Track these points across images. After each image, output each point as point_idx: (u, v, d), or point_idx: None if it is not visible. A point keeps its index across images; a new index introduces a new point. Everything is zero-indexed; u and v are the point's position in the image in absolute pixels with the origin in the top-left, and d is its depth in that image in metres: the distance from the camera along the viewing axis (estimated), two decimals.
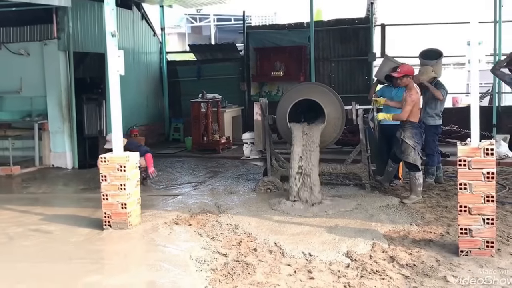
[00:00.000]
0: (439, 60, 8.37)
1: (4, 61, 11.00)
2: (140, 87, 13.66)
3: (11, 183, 9.72)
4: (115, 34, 6.47)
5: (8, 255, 5.93)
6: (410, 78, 7.33)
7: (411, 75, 7.37)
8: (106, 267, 5.63)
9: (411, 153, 7.32)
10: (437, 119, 8.28)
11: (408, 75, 7.31)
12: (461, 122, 10.34)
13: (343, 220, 6.62)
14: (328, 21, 14.32)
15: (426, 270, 4.95)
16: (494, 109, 11.98)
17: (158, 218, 6.95)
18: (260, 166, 9.57)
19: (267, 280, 4.84)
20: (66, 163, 10.90)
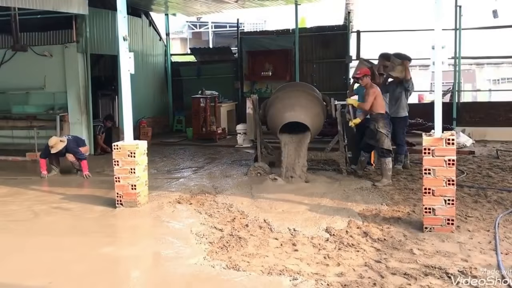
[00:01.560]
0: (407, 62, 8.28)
1: (30, 62, 10.85)
2: (147, 84, 13.50)
3: (36, 167, 9.55)
4: (126, 38, 6.39)
5: (34, 228, 5.87)
6: (368, 77, 7.53)
7: (368, 74, 7.57)
8: (118, 240, 5.56)
9: (385, 141, 7.33)
10: (406, 111, 8.24)
11: (366, 74, 7.54)
12: (426, 116, 10.31)
13: (322, 200, 6.56)
14: (311, 28, 14.18)
15: (395, 243, 4.91)
16: (454, 104, 11.97)
17: (163, 198, 6.87)
18: (251, 153, 9.51)
19: (257, 252, 4.79)
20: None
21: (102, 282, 4.27)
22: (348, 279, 4.10)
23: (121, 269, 4.76)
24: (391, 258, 4.56)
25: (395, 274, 4.20)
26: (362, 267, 4.37)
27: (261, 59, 13.72)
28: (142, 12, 13.31)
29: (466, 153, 9.71)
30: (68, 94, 10.80)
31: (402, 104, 8.13)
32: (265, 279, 4.18)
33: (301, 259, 4.58)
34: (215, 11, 14.32)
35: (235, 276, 4.25)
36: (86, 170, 8.41)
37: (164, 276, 4.36)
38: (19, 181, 8.25)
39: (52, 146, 8.36)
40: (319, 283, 4.03)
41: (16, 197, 7.21)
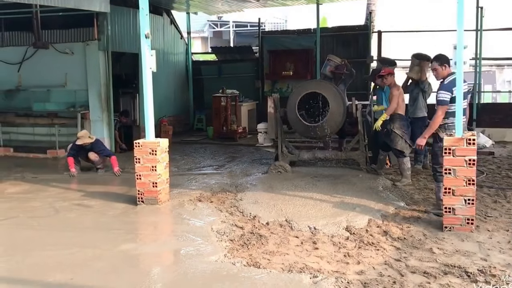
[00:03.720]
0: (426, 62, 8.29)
1: (52, 59, 11.01)
2: (169, 83, 13.68)
3: (57, 164, 9.81)
4: (148, 36, 6.49)
5: (55, 225, 6.01)
6: (392, 76, 7.68)
7: (392, 73, 7.72)
8: (139, 237, 5.68)
9: (399, 142, 7.40)
10: (424, 111, 8.25)
11: (390, 73, 7.72)
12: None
13: (343, 199, 6.62)
14: (332, 28, 14.23)
15: (415, 242, 4.97)
16: (475, 105, 11.89)
17: (184, 196, 7.00)
18: (272, 152, 9.59)
19: (278, 250, 4.88)
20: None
21: (123, 278, 4.39)
22: (368, 277, 4.18)
23: (142, 266, 4.86)
24: (411, 257, 4.62)
25: (414, 272, 4.27)
26: (382, 265, 4.44)
27: (282, 58, 13.79)
28: (163, 10, 13.50)
29: (485, 153, 9.69)
30: (89, 91, 10.95)
31: (419, 105, 8.16)
32: (285, 276, 4.27)
33: (321, 257, 4.66)
34: (237, 10, 14.44)
35: (255, 273, 4.35)
36: (117, 166, 8.57)
37: (185, 272, 4.47)
38: (40, 178, 8.46)
39: (79, 137, 8.59)
40: (339, 281, 4.11)
41: (37, 194, 7.40)
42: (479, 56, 12.02)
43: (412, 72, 8.09)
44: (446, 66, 5.89)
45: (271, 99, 8.50)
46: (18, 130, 11.51)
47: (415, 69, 8.06)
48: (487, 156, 9.51)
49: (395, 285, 4.04)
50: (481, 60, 12.20)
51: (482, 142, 10.19)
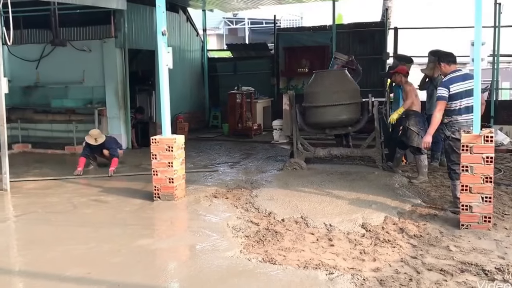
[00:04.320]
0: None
1: (69, 56, 11.11)
2: (184, 80, 13.73)
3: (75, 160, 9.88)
4: (165, 33, 6.53)
5: (73, 220, 6.08)
6: (399, 76, 7.72)
7: (402, 73, 7.72)
8: (156, 232, 5.74)
9: (415, 138, 7.35)
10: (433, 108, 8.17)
11: (399, 72, 7.73)
12: None
13: (359, 196, 6.60)
14: (348, 24, 14.12)
15: (431, 240, 4.94)
16: (492, 102, 11.72)
17: (200, 192, 7.03)
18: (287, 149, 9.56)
19: (293, 246, 4.88)
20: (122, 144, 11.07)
21: (139, 273, 4.43)
22: (384, 275, 4.16)
23: (158, 261, 4.92)
24: (427, 254, 4.59)
25: (431, 270, 4.24)
26: (398, 262, 4.42)
27: (297, 55, 13.75)
28: (179, 7, 13.55)
29: (503, 151, 9.57)
30: (106, 88, 11.04)
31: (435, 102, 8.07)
32: (301, 273, 4.27)
33: (337, 254, 4.66)
34: (252, 7, 14.44)
35: (271, 269, 4.37)
36: (113, 167, 8.48)
37: (201, 268, 4.50)
38: (58, 173, 8.56)
39: (90, 134, 8.65)
40: (355, 278, 4.10)
41: (55, 190, 7.50)
42: (497, 53, 11.85)
43: (427, 69, 8.14)
44: (446, 64, 5.92)
45: (287, 96, 8.49)
46: (37, 127, 11.66)
47: (429, 65, 8.09)
48: (505, 154, 9.39)
49: (411, 282, 4.02)
50: (499, 57, 12.03)
51: (499, 140, 10.07)
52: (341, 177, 7.64)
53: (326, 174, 7.84)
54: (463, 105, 5.75)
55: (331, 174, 7.84)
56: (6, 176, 7.30)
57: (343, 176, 7.72)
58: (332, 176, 7.75)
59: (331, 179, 7.54)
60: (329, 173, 7.90)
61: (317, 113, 8.10)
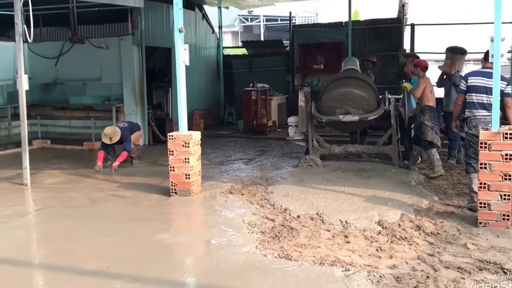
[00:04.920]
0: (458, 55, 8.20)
1: (87, 53, 11.18)
2: (200, 77, 13.77)
3: (93, 156, 9.95)
4: (182, 30, 6.55)
5: (92, 215, 6.15)
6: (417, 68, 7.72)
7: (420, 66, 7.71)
8: (173, 227, 5.78)
9: (429, 133, 7.40)
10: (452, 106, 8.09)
11: (416, 65, 7.75)
12: None
13: (375, 193, 6.56)
14: (364, 21, 14.05)
15: (449, 238, 4.90)
16: None
17: (216, 188, 7.05)
18: (302, 146, 9.57)
19: (309, 243, 4.88)
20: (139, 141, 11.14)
21: (156, 267, 4.46)
22: (400, 272, 4.14)
23: (175, 255, 4.95)
24: (444, 252, 4.55)
25: (448, 268, 4.21)
26: (415, 260, 4.39)
27: (313, 52, 13.70)
28: (195, 5, 13.59)
29: None
30: (124, 85, 11.11)
31: (452, 99, 8.02)
32: (317, 269, 4.27)
33: (353, 251, 4.64)
34: (268, 4, 14.41)
35: (287, 265, 4.37)
36: (119, 162, 8.42)
37: (217, 262, 4.52)
38: (77, 169, 8.66)
39: (108, 134, 8.72)
40: (372, 275, 4.09)
41: (74, 185, 7.59)
42: None
43: (444, 65, 8.10)
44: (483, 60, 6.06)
45: (302, 93, 8.46)
46: (56, 123, 11.80)
47: (446, 62, 8.06)
48: None
49: (429, 280, 3.98)
50: None
51: None
52: (357, 174, 7.61)
53: (342, 171, 7.81)
54: (478, 100, 5.82)
55: (347, 171, 7.81)
56: (27, 171, 7.41)
57: (358, 173, 7.68)
58: (348, 173, 7.71)
59: (346, 176, 7.51)
60: (345, 170, 7.87)
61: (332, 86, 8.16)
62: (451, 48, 8.31)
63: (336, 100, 7.98)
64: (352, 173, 7.71)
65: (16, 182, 7.59)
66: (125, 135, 8.80)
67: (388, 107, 7.97)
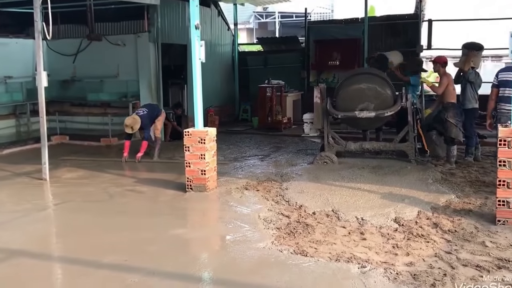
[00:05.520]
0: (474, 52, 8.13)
1: (104, 51, 11.25)
2: (215, 73, 13.77)
3: (110, 152, 10.10)
4: (198, 27, 6.55)
5: (109, 209, 6.21)
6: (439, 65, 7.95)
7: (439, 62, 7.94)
8: (189, 222, 5.82)
9: (453, 130, 7.53)
10: (474, 102, 8.02)
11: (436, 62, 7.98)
12: None
13: (391, 190, 6.52)
14: (381, 17, 13.93)
15: (466, 235, 4.84)
16: None
17: (231, 184, 7.06)
18: (317, 143, 9.52)
19: (324, 239, 4.86)
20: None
21: (173, 261, 4.49)
22: (417, 269, 4.10)
23: (191, 250, 4.99)
24: (462, 249, 4.50)
25: (466, 265, 4.16)
26: (432, 257, 4.35)
27: (328, 48, 13.62)
28: (211, 1, 13.60)
29: None
30: (140, 82, 11.18)
31: (468, 96, 7.98)
32: (333, 265, 4.25)
33: (369, 248, 4.61)
34: (283, 0, 14.37)
35: (303, 261, 4.36)
36: (141, 153, 8.58)
37: (233, 258, 4.53)
38: (95, 164, 8.74)
39: (129, 125, 8.79)
40: (388, 272, 4.06)
41: (92, 179, 7.66)
42: None
43: (459, 62, 8.04)
44: None
45: (318, 89, 8.44)
46: (73, 119, 11.94)
47: (461, 58, 7.99)
48: None
49: (446, 277, 3.94)
50: None
51: None
52: (373, 171, 7.56)
53: (357, 168, 7.77)
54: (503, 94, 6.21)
55: (363, 168, 7.76)
56: (46, 166, 7.51)
57: (374, 170, 7.64)
58: (364, 170, 7.67)
59: (362, 173, 7.47)
60: (361, 167, 7.83)
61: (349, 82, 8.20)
62: (467, 44, 8.24)
63: (352, 96, 7.94)
64: (368, 170, 7.67)
65: (36, 177, 7.70)
66: (145, 123, 8.88)
67: (405, 103, 7.91)
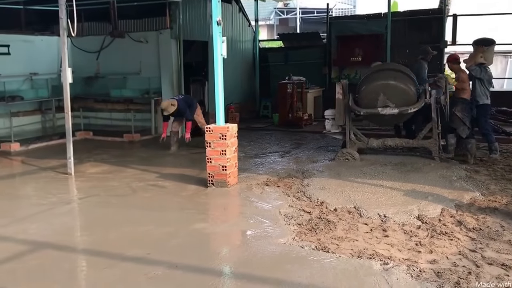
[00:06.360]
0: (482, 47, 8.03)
1: (127, 48, 11.38)
2: (236, 70, 13.78)
3: (133, 147, 10.21)
4: (220, 23, 6.57)
5: (132, 203, 6.29)
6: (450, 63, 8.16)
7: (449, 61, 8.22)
8: (210, 217, 5.84)
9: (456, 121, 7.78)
10: (485, 98, 7.93)
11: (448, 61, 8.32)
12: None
13: (414, 187, 6.45)
14: (404, 12, 13.75)
15: (492, 234, 4.76)
16: None
17: (252, 180, 7.08)
18: (339, 140, 9.47)
19: (346, 236, 4.84)
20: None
21: (195, 255, 4.53)
22: (441, 267, 4.05)
23: (213, 245, 5.03)
24: (487, 248, 4.44)
25: (491, 264, 4.09)
26: (456, 255, 4.29)
27: (350, 44, 13.52)
28: None
29: None
30: (162, 79, 11.24)
31: (477, 92, 7.95)
32: (355, 262, 4.23)
33: (391, 245, 4.58)
34: None
35: (324, 257, 4.35)
36: (188, 133, 8.91)
37: (254, 253, 4.54)
38: (118, 159, 8.86)
39: (163, 109, 8.93)
40: (411, 269, 4.02)
41: (115, 174, 7.77)
42: None
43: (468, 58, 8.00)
44: None
45: (340, 85, 8.38)
46: (97, 115, 12.11)
47: (470, 54, 7.96)
48: None
49: (471, 276, 3.89)
50: None
51: None
52: (395, 168, 7.49)
53: (380, 165, 7.71)
54: None
55: (385, 165, 7.70)
56: (71, 161, 7.64)
57: (397, 167, 7.56)
58: (386, 167, 7.60)
59: (384, 170, 7.40)
60: (383, 164, 7.76)
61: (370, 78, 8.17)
62: (476, 40, 8.20)
63: (375, 92, 7.87)
64: (390, 167, 7.60)
65: (61, 171, 7.85)
66: (182, 106, 9.15)
67: (428, 99, 7.81)
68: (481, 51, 7.95)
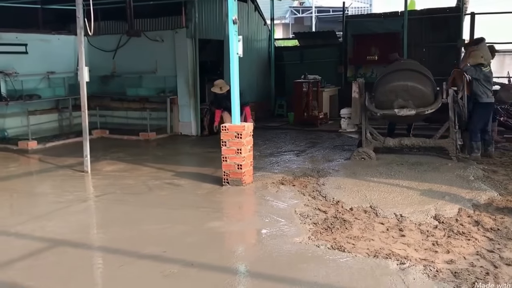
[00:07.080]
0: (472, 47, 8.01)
1: (143, 47, 11.47)
2: (252, 69, 13.79)
3: (149, 146, 10.30)
4: (236, 22, 6.59)
5: (149, 202, 6.33)
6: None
7: None
8: (225, 215, 5.86)
9: None
10: (484, 98, 7.89)
11: None
12: None
13: (431, 186, 6.40)
14: (421, 10, 13.64)
15: (510, 234, 4.70)
16: None
17: (267, 179, 7.09)
18: (354, 139, 9.42)
19: (362, 235, 4.82)
20: (191, 131, 11.31)
21: (210, 253, 4.55)
22: (458, 267, 4.02)
23: (228, 243, 5.03)
24: (505, 248, 4.38)
25: (510, 265, 4.05)
26: (473, 255, 4.25)
27: (366, 42, 13.45)
28: None
29: None
30: (178, 78, 11.32)
31: (477, 91, 7.88)
32: (371, 261, 4.22)
33: (408, 245, 4.55)
34: None
35: (340, 256, 4.34)
36: (250, 118, 8.56)
37: (270, 252, 4.55)
38: (134, 157, 8.94)
39: (215, 84, 8.82)
40: (428, 269, 3.99)
41: (131, 173, 7.83)
42: None
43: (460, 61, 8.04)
44: None
45: (356, 84, 8.34)
46: (113, 114, 12.22)
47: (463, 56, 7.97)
48: None
49: (488, 276, 3.85)
50: None
51: None
52: (412, 168, 7.44)
53: (396, 165, 7.66)
54: None
55: (401, 165, 7.65)
56: (87, 159, 7.73)
57: (413, 166, 7.51)
58: (402, 166, 7.55)
59: (401, 170, 7.35)
60: (399, 164, 7.71)
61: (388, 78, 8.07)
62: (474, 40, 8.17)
63: (392, 93, 7.81)
64: (406, 166, 7.55)
65: (77, 169, 7.94)
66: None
67: (446, 99, 7.73)
68: (471, 50, 7.96)
